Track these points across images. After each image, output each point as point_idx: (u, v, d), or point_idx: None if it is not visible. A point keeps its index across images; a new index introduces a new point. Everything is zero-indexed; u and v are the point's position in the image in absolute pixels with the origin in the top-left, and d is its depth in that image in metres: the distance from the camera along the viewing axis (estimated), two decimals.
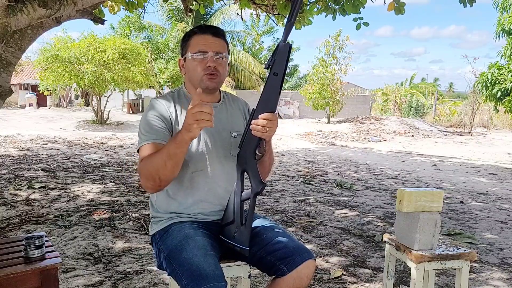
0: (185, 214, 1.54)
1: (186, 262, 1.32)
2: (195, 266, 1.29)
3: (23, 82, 23.73)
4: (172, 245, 1.42)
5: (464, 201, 4.88)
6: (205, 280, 1.24)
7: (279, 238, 1.49)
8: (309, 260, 1.44)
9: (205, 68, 1.49)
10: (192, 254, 1.33)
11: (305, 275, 1.43)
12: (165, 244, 1.46)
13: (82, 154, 7.51)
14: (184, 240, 1.41)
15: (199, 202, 1.54)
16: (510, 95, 8.00)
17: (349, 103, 17.98)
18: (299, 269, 1.42)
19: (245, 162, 1.42)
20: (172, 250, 1.40)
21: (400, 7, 3.21)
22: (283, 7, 3.72)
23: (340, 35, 15.74)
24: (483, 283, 2.59)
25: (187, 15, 4.39)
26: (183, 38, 1.57)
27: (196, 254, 1.33)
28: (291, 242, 1.48)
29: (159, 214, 1.57)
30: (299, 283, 1.43)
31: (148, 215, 3.75)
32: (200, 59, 1.49)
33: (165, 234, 1.50)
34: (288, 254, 1.44)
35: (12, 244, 1.79)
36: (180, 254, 1.36)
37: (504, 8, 8.60)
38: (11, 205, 3.89)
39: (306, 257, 1.44)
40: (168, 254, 1.42)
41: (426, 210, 1.84)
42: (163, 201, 1.56)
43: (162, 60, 17.97)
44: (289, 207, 4.27)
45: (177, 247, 1.39)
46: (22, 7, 2.39)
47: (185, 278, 1.28)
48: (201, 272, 1.27)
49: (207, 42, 1.49)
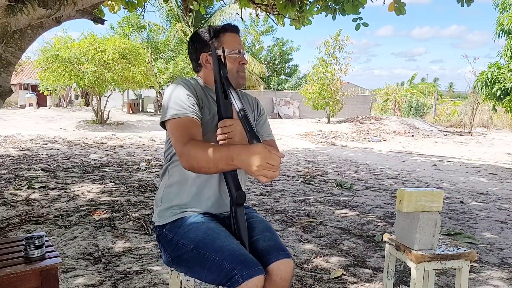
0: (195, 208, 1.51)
1: (225, 249, 1.31)
2: (238, 252, 1.29)
3: (23, 82, 23.72)
4: (199, 237, 1.39)
5: (464, 201, 4.88)
6: (252, 264, 1.26)
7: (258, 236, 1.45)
8: (280, 261, 1.36)
9: (239, 66, 1.55)
10: (228, 242, 1.34)
11: (277, 277, 1.34)
12: (187, 238, 1.42)
13: (82, 154, 7.51)
14: (210, 230, 1.40)
15: (210, 197, 1.52)
16: (510, 95, 8.00)
17: (349, 103, 17.98)
18: (270, 271, 1.34)
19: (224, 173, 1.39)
20: (200, 241, 1.37)
21: (400, 8, 3.21)
22: (283, 7, 3.72)
23: (340, 35, 15.76)
24: (483, 283, 2.59)
25: (187, 15, 4.39)
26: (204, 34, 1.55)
27: (232, 242, 1.34)
28: (262, 242, 1.43)
29: (169, 203, 1.53)
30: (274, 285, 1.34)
31: (148, 215, 3.75)
32: (235, 57, 1.53)
33: (180, 228, 1.46)
34: (262, 254, 1.38)
35: (12, 244, 1.79)
36: (215, 243, 1.35)
37: (504, 8, 8.60)
38: (11, 205, 3.89)
39: (280, 256, 1.37)
40: (196, 245, 1.38)
41: (426, 210, 1.84)
42: (174, 194, 1.52)
43: (162, 60, 17.97)
44: (289, 207, 4.27)
45: (206, 237, 1.37)
46: (22, 7, 2.39)
47: (228, 263, 1.27)
48: (246, 257, 1.28)
49: (239, 41, 1.56)
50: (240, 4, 4.05)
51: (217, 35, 1.53)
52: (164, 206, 1.53)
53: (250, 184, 5.38)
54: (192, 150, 1.31)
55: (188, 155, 1.32)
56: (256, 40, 25.51)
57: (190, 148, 1.32)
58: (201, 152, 1.29)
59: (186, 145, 1.33)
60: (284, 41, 27.58)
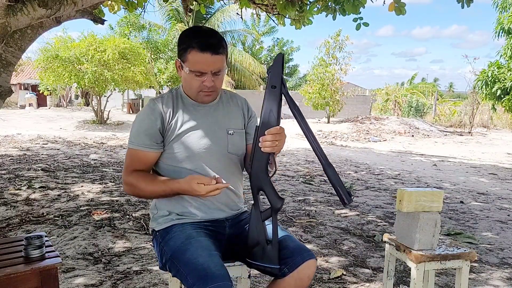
0: (185, 214, 1.54)
1: (191, 262, 1.32)
2: (201, 266, 1.29)
3: (23, 82, 23.73)
4: (175, 246, 1.42)
5: (464, 201, 4.88)
6: (211, 280, 1.24)
7: (279, 239, 1.48)
8: (310, 260, 1.43)
9: (201, 85, 1.47)
10: (196, 254, 1.34)
11: (305, 275, 1.42)
12: (168, 245, 1.46)
13: (82, 154, 7.51)
14: (187, 240, 1.41)
15: (204, 202, 1.54)
16: (510, 94, 8.00)
17: (349, 103, 17.98)
18: (300, 269, 1.41)
19: (259, 180, 1.40)
20: (175, 251, 1.40)
21: (400, 8, 3.21)
22: (283, 7, 3.72)
23: (340, 35, 15.75)
24: (483, 283, 2.59)
25: (187, 15, 4.39)
26: (181, 40, 1.47)
27: (201, 254, 1.34)
28: (291, 242, 1.48)
29: (160, 212, 1.57)
30: (300, 283, 1.42)
31: (148, 215, 3.75)
32: (196, 78, 1.46)
33: (167, 235, 1.50)
34: (288, 255, 1.43)
35: (12, 244, 1.79)
36: (184, 255, 1.36)
37: (504, 8, 8.60)
38: (11, 205, 3.89)
39: (307, 257, 1.43)
40: (171, 255, 1.42)
41: (426, 210, 1.84)
42: (165, 202, 1.56)
43: (162, 60, 17.97)
44: (289, 207, 4.27)
45: (180, 247, 1.40)
46: (22, 7, 2.39)
47: (190, 278, 1.28)
48: (207, 271, 1.27)
49: (206, 62, 1.41)
50: (240, 4, 4.05)
51: (185, 48, 1.44)
52: (158, 214, 1.58)
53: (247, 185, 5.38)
54: (134, 182, 1.50)
55: (130, 186, 1.52)
56: (256, 40, 25.52)
57: (133, 180, 1.51)
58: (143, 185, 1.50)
59: (130, 175, 1.51)
60: (284, 42, 27.59)
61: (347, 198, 1.30)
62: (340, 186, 1.31)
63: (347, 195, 1.30)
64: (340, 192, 1.31)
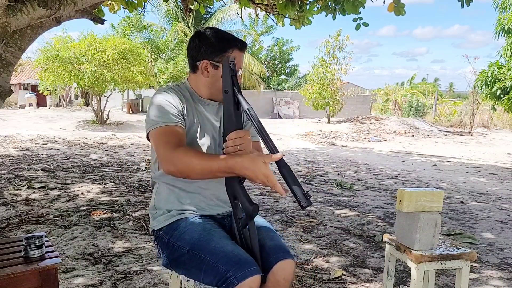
0: (185, 211, 1.52)
1: (219, 251, 1.31)
2: (231, 253, 1.29)
3: (23, 82, 23.73)
4: (194, 239, 1.39)
5: (464, 201, 4.87)
6: (246, 264, 1.25)
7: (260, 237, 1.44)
8: (285, 261, 1.37)
9: None
10: (222, 243, 1.34)
11: (281, 277, 1.35)
12: (183, 239, 1.42)
13: (82, 154, 7.51)
14: (205, 232, 1.40)
15: (202, 198, 1.53)
16: (509, 94, 7.99)
17: (349, 103, 17.98)
18: (274, 271, 1.35)
19: (231, 187, 1.35)
20: (195, 243, 1.38)
21: (399, 8, 3.20)
22: (282, 7, 3.72)
23: (340, 35, 15.75)
24: (483, 283, 2.59)
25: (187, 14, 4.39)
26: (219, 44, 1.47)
27: (227, 243, 1.34)
28: (269, 241, 1.43)
29: (159, 211, 1.55)
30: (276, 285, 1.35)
31: (147, 215, 3.75)
32: None
33: (176, 230, 1.46)
34: (264, 256, 1.38)
35: (12, 244, 1.79)
36: (209, 244, 1.35)
37: (504, 8, 8.60)
38: (11, 205, 3.89)
39: (281, 257, 1.37)
40: (191, 248, 1.38)
41: (426, 210, 1.84)
42: (165, 197, 1.54)
43: (162, 60, 17.97)
44: (289, 207, 4.27)
45: (201, 238, 1.38)
46: (22, 7, 2.39)
47: (223, 265, 1.28)
48: (240, 257, 1.28)
49: (242, 60, 1.54)
50: (240, 4, 4.05)
51: (226, 47, 1.46)
52: (159, 212, 1.55)
53: (250, 185, 5.38)
54: (184, 157, 1.31)
55: (180, 161, 1.31)
56: (256, 40, 25.50)
57: (181, 155, 1.31)
58: (196, 160, 1.29)
59: (176, 150, 1.32)
60: (284, 41, 27.57)
61: (303, 201, 1.20)
62: (296, 188, 1.22)
63: (303, 198, 1.20)
64: (296, 194, 1.21)
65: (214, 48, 1.46)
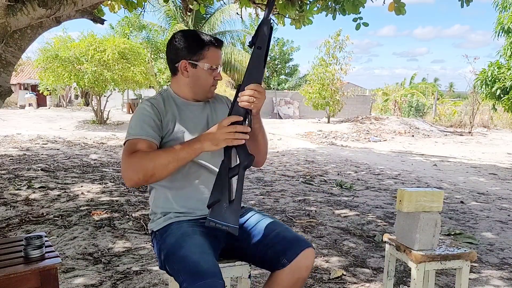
0: (182, 213, 1.55)
1: (183, 259, 1.33)
2: (192, 263, 1.29)
3: (23, 82, 23.73)
4: (170, 244, 1.43)
5: (464, 201, 4.87)
6: (201, 277, 1.24)
7: (277, 231, 1.51)
8: (307, 249, 1.44)
9: (213, 81, 1.59)
10: (189, 252, 1.34)
11: (304, 265, 1.44)
12: (165, 243, 1.47)
13: (82, 154, 7.51)
14: (181, 238, 1.42)
15: (194, 199, 1.55)
16: (509, 94, 7.99)
17: (349, 103, 17.98)
18: (298, 259, 1.43)
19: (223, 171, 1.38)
20: (170, 248, 1.42)
21: (400, 7, 3.20)
22: (283, 7, 3.72)
23: (340, 35, 15.75)
24: (483, 283, 2.59)
25: (187, 14, 4.39)
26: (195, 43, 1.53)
27: (194, 252, 1.34)
28: (288, 233, 1.50)
29: (157, 212, 1.59)
30: (299, 273, 1.44)
31: (148, 215, 3.75)
32: (212, 72, 1.56)
33: (165, 233, 1.51)
34: (287, 246, 1.45)
35: (12, 244, 1.79)
36: (179, 252, 1.37)
37: (504, 7, 8.59)
38: (11, 205, 3.89)
39: (304, 246, 1.45)
40: (167, 252, 1.43)
41: (426, 210, 1.84)
42: (161, 200, 1.58)
43: (162, 60, 17.95)
44: (289, 207, 4.27)
45: (175, 245, 1.41)
46: (22, 7, 2.39)
47: (182, 275, 1.30)
48: (198, 269, 1.27)
49: (220, 56, 1.58)
50: (240, 4, 4.05)
51: (203, 45, 1.53)
52: (157, 215, 1.59)
53: (250, 184, 5.38)
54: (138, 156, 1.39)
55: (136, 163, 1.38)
56: None
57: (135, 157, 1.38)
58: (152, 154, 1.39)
59: (130, 156, 1.39)
60: (284, 41, 27.59)
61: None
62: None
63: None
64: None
65: (191, 47, 1.53)
